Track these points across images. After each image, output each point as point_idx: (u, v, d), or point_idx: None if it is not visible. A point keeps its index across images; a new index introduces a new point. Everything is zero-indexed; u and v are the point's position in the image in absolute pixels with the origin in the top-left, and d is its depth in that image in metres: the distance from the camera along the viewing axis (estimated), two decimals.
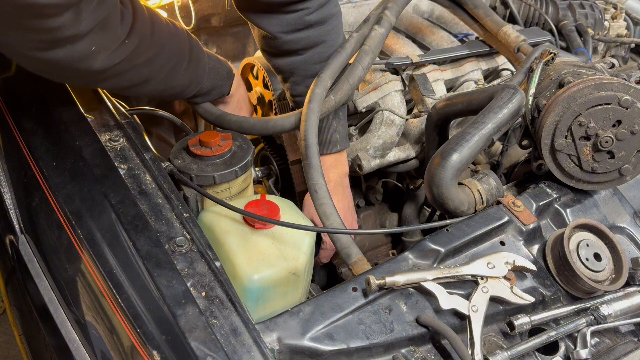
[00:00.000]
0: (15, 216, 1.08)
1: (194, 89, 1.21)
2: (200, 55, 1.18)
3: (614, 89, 1.06)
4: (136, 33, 0.97)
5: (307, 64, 1.27)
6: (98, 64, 0.93)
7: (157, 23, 1.04)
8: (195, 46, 1.17)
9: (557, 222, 1.12)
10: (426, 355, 0.90)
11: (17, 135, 1.11)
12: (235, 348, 0.79)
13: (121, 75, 1.01)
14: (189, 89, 1.20)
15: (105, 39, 0.92)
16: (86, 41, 0.88)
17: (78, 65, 0.92)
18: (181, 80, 1.15)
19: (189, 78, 1.17)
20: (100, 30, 0.89)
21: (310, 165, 1.12)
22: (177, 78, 1.13)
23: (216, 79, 1.26)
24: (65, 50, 0.87)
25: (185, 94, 1.21)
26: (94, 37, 0.88)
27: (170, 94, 1.18)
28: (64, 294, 0.94)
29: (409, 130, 1.49)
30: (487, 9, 1.53)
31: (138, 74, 1.04)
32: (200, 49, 1.19)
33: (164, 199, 0.97)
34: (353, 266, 1.01)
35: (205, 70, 1.21)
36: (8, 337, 2.17)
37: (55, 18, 0.80)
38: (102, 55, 0.93)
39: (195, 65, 1.17)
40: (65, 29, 0.83)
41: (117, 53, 0.95)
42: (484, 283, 0.95)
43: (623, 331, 1.03)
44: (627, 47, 2.01)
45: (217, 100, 1.32)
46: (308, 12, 1.19)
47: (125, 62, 0.98)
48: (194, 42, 1.17)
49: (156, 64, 1.06)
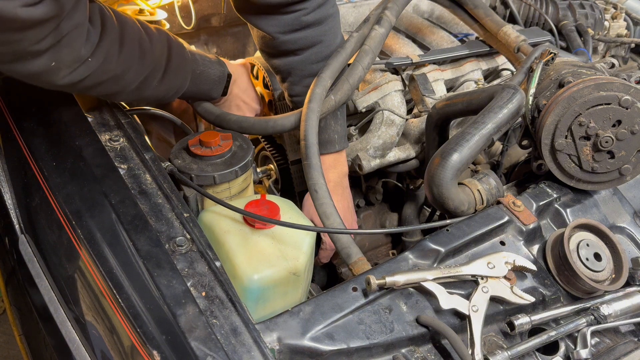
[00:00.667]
0: (15, 216, 1.08)
1: (173, 97, 1.21)
2: (181, 65, 1.17)
3: (614, 89, 1.06)
4: (101, 52, 0.97)
5: (304, 64, 1.27)
6: (60, 79, 0.94)
7: (127, 41, 1.03)
8: (176, 56, 1.15)
9: (557, 222, 1.12)
10: (426, 355, 0.90)
11: (17, 135, 1.11)
12: (235, 348, 0.79)
13: (91, 89, 1.02)
14: (166, 97, 1.20)
15: (66, 57, 0.91)
16: (45, 57, 0.88)
17: (42, 79, 0.93)
18: (154, 91, 1.14)
19: (164, 89, 1.16)
20: (62, 47, 0.89)
21: (310, 165, 1.12)
22: (149, 90, 1.12)
23: (203, 84, 1.25)
24: (24, 64, 0.87)
25: (165, 100, 1.21)
26: (53, 54, 0.88)
27: (147, 102, 1.20)
28: (64, 294, 0.94)
29: (409, 130, 1.49)
30: (487, 9, 1.53)
31: (106, 88, 1.04)
32: (182, 58, 1.17)
33: (164, 199, 0.97)
34: (353, 266, 1.01)
35: (187, 79, 1.20)
36: (8, 337, 2.17)
37: (18, 32, 0.80)
38: (63, 72, 0.93)
39: (173, 75, 1.15)
40: (26, 43, 0.83)
41: (79, 70, 0.95)
42: (484, 283, 0.95)
43: (623, 331, 1.03)
44: (627, 47, 2.01)
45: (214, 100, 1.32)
46: (305, 12, 1.19)
47: (89, 78, 0.98)
48: (175, 51, 1.15)
49: (124, 80, 1.05)
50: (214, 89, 1.29)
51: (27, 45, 0.83)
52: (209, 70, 1.25)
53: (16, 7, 0.76)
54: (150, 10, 1.57)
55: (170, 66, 1.13)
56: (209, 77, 1.26)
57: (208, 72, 1.25)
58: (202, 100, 1.30)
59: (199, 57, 1.23)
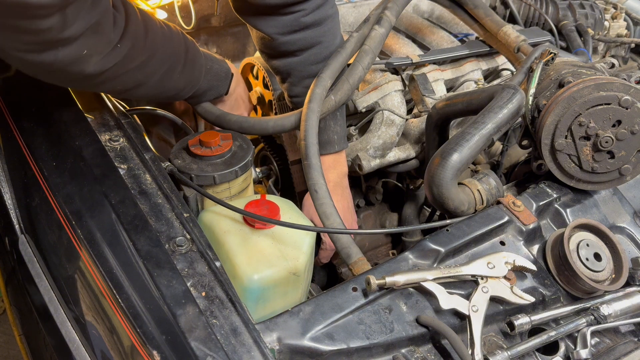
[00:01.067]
0: (15, 216, 1.08)
1: (189, 91, 1.22)
2: (196, 58, 1.18)
3: (614, 89, 1.06)
4: (129, 37, 0.97)
5: (303, 65, 1.28)
6: (91, 67, 0.93)
7: (150, 27, 1.04)
8: (192, 48, 1.17)
9: (557, 222, 1.12)
10: (426, 355, 0.90)
11: (17, 135, 1.11)
12: (235, 348, 0.79)
13: (115, 79, 1.00)
14: (184, 90, 1.20)
15: (97, 43, 0.91)
16: (77, 45, 0.87)
17: (70, 69, 0.91)
18: (176, 83, 1.15)
19: (184, 81, 1.17)
20: (92, 34, 0.88)
21: (310, 165, 1.12)
22: (171, 81, 1.13)
23: (213, 80, 1.26)
24: (56, 53, 0.86)
25: (181, 95, 1.21)
26: (85, 41, 0.88)
27: (166, 96, 1.19)
28: (64, 294, 0.94)
29: (409, 130, 1.49)
30: (487, 9, 1.53)
31: (131, 78, 1.04)
32: (196, 51, 1.19)
33: (164, 199, 0.97)
34: (353, 266, 1.01)
35: (202, 72, 1.21)
36: (8, 337, 2.17)
37: (44, 19, 0.79)
38: (94, 59, 0.92)
39: (191, 67, 1.17)
40: (55, 31, 0.82)
41: (109, 57, 0.95)
42: (484, 283, 0.95)
43: (623, 331, 1.03)
44: (627, 47, 2.01)
45: (215, 99, 1.32)
46: (304, 13, 1.20)
47: (118, 66, 0.97)
48: (190, 44, 1.17)
49: (149, 67, 1.05)
50: (222, 85, 1.30)
51: (56, 33, 0.83)
52: (216, 65, 1.27)
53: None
54: (150, 10, 1.57)
55: (188, 57, 1.15)
56: (218, 73, 1.27)
57: (216, 67, 1.26)
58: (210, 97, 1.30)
59: (206, 54, 1.25)
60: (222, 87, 1.30)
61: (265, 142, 1.62)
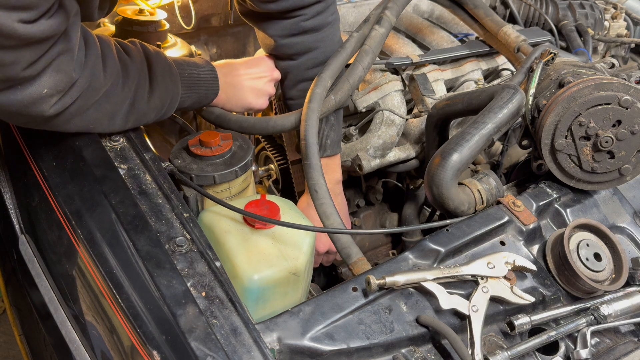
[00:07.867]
0: (15, 216, 1.08)
1: (172, 106, 1.14)
2: (165, 69, 1.10)
3: (614, 89, 1.06)
4: (88, 69, 0.91)
5: (299, 69, 1.29)
6: (51, 109, 0.88)
7: (107, 54, 0.98)
8: (157, 61, 1.09)
9: (557, 222, 1.12)
10: (426, 355, 0.90)
11: (17, 135, 1.11)
12: (235, 348, 0.79)
13: (81, 115, 0.95)
14: (165, 108, 1.12)
15: (58, 81, 0.86)
16: (37, 84, 0.82)
17: (29, 111, 0.86)
18: (150, 104, 1.07)
19: (158, 99, 1.09)
20: (54, 72, 0.84)
21: (310, 165, 1.12)
22: (142, 103, 1.06)
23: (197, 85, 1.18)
24: (16, 92, 0.82)
25: (168, 111, 1.13)
26: (45, 79, 0.83)
27: (152, 117, 1.10)
28: (64, 294, 0.94)
29: (409, 130, 1.49)
30: (487, 9, 1.53)
31: (101, 111, 0.98)
32: (165, 64, 1.11)
33: (164, 199, 0.97)
34: (353, 266, 1.01)
35: (177, 83, 1.13)
36: (8, 337, 2.17)
37: (15, 51, 0.75)
38: (54, 98, 0.87)
39: (162, 81, 1.09)
40: (18, 67, 0.78)
41: (69, 93, 0.89)
42: (484, 283, 0.95)
43: (623, 331, 1.03)
44: (627, 47, 2.01)
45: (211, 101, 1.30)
46: (305, 18, 1.22)
47: (80, 100, 0.92)
48: (155, 58, 1.09)
49: (115, 96, 0.99)
50: (210, 88, 1.22)
51: (19, 69, 0.79)
52: (195, 70, 1.18)
53: (14, 22, 0.73)
54: (150, 10, 1.56)
55: (154, 72, 1.07)
56: (200, 78, 1.19)
57: (196, 72, 1.18)
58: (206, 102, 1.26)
59: (182, 61, 1.18)
60: (211, 90, 1.22)
61: (265, 141, 1.62)
